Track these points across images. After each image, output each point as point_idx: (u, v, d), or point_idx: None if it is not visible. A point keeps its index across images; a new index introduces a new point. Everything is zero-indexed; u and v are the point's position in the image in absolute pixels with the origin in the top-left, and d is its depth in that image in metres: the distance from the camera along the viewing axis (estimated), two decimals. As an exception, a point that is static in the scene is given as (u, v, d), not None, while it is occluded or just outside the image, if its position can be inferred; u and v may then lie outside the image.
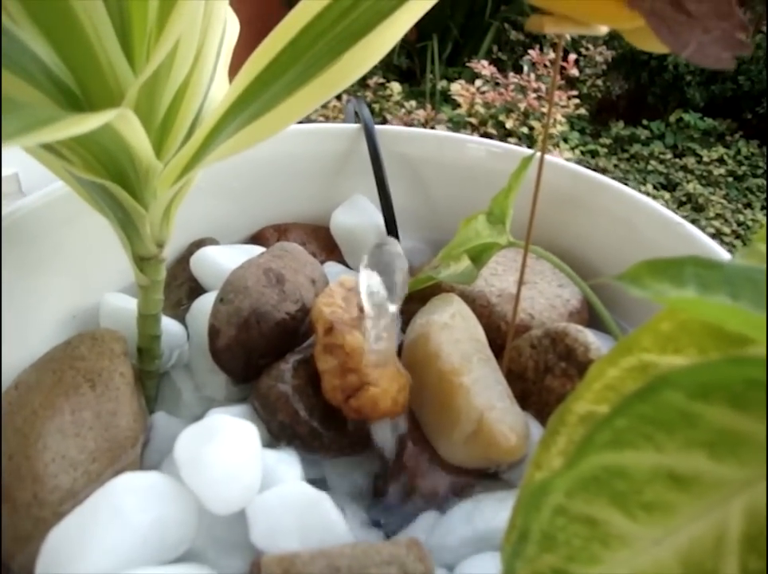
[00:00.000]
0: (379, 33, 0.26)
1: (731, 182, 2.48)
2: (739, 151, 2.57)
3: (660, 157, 2.56)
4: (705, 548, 0.16)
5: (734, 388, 0.15)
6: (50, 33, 0.23)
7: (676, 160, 2.57)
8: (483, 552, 0.24)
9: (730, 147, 2.60)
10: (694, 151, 2.60)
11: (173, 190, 0.27)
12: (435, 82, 2.50)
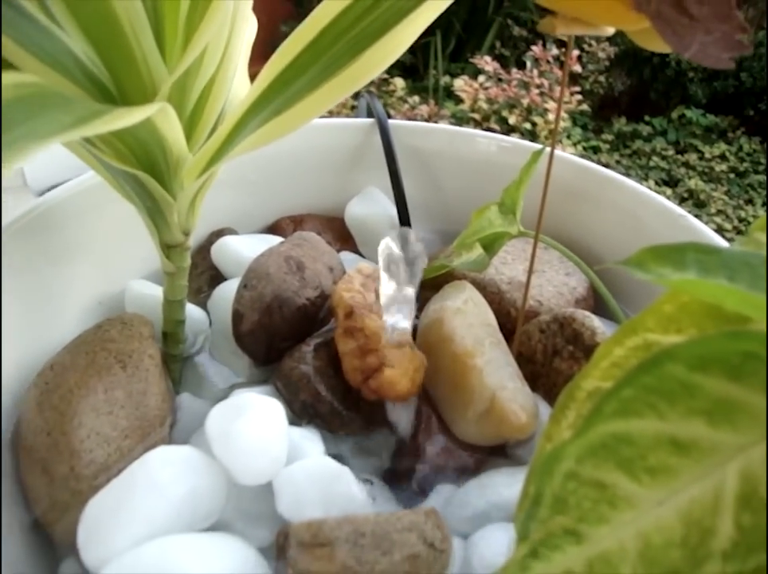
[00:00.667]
0: (397, 32, 0.27)
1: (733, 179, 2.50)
2: (741, 148, 2.59)
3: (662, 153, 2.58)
4: (704, 507, 0.17)
5: (730, 360, 0.17)
6: (91, 33, 0.25)
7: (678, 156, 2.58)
8: (495, 522, 0.25)
9: (732, 143, 2.62)
10: (696, 148, 2.61)
11: (199, 182, 0.29)
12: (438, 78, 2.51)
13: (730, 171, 2.51)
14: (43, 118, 0.18)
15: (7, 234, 0.31)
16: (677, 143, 2.62)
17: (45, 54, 0.26)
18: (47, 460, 0.26)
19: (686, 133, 2.64)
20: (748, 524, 0.17)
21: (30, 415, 0.27)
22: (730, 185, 2.46)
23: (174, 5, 0.26)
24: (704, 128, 2.64)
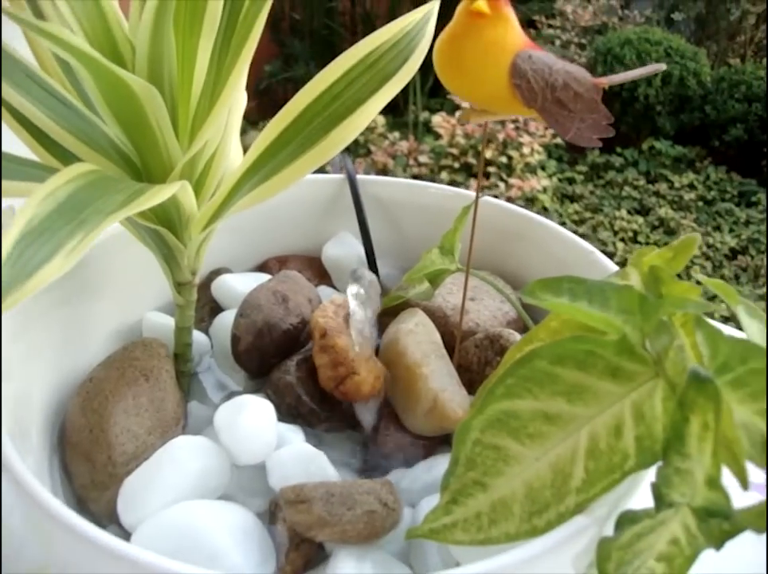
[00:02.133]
0: (357, 115, 0.36)
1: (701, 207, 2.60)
2: (708, 177, 2.69)
3: (634, 183, 2.68)
4: (565, 459, 0.25)
5: (577, 357, 0.25)
6: (123, 122, 0.33)
7: (649, 186, 2.68)
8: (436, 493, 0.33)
9: (699, 173, 2.72)
10: (666, 177, 2.71)
11: (204, 233, 0.37)
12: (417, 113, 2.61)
13: (699, 199, 2.62)
14: (104, 199, 0.26)
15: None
16: (648, 174, 2.73)
17: (88, 138, 0.34)
18: (89, 451, 0.34)
19: (656, 164, 2.75)
20: (591, 468, 0.25)
21: (75, 417, 0.35)
22: (698, 213, 2.57)
23: (186, 101, 0.34)
24: (673, 159, 2.75)
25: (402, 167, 2.26)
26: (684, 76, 2.63)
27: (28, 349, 0.35)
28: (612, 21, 3.07)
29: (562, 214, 2.46)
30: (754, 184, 2.61)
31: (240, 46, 0.32)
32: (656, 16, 3.22)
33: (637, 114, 2.70)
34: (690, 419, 0.22)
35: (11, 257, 0.22)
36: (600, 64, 2.72)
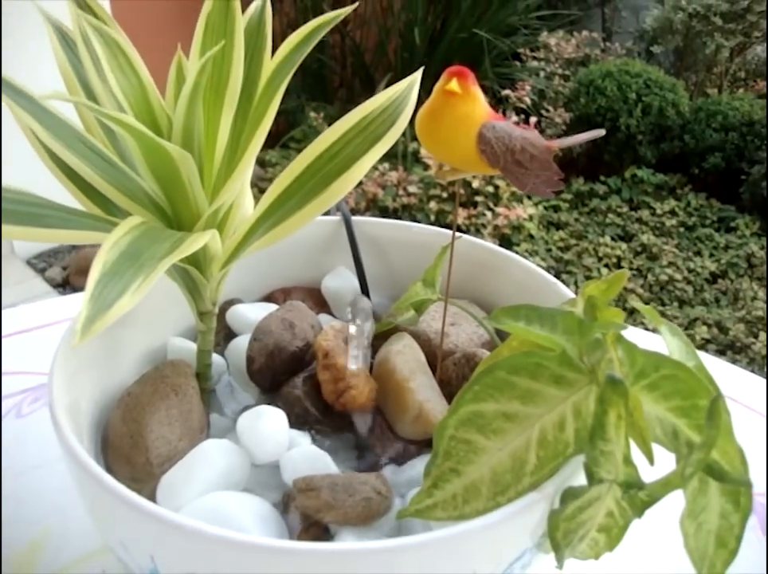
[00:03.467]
0: (352, 171, 0.43)
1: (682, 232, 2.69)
2: (689, 204, 2.78)
3: (617, 210, 2.77)
4: (521, 449, 0.32)
5: (528, 368, 0.32)
6: (161, 180, 0.39)
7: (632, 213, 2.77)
8: (422, 486, 0.39)
9: (680, 199, 2.81)
10: (648, 204, 2.80)
11: (224, 271, 0.44)
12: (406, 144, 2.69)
13: (680, 225, 2.71)
14: (155, 247, 0.33)
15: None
16: (631, 201, 2.82)
17: (127, 190, 0.41)
18: (130, 454, 0.40)
19: (638, 191, 2.84)
20: (541, 455, 0.31)
21: (117, 426, 0.42)
22: (680, 238, 2.65)
23: (210, 161, 0.41)
24: (655, 186, 2.84)
25: (392, 196, 2.33)
26: (663, 107, 2.72)
27: (77, 367, 0.42)
28: (594, 53, 3.17)
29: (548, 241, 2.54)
30: (733, 210, 2.70)
31: (257, 123, 0.39)
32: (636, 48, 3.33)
33: (619, 143, 2.80)
34: (608, 412, 0.29)
35: (93, 296, 0.28)
36: (583, 96, 2.82)
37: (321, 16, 0.42)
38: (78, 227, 0.38)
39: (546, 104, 2.91)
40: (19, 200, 0.37)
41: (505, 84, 2.93)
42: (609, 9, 3.46)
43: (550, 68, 3.04)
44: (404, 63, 3.06)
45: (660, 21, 2.87)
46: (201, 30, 0.41)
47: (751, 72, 3.04)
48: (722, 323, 2.17)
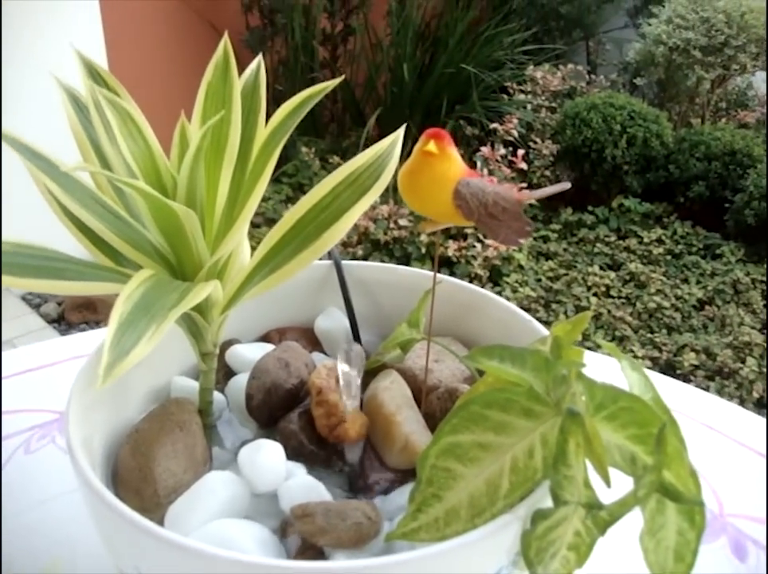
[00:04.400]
0: (342, 221, 0.47)
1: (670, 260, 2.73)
2: (675, 232, 2.83)
3: (606, 240, 2.82)
4: (495, 475, 0.35)
5: (500, 402, 0.35)
6: (166, 234, 0.43)
7: (620, 242, 2.82)
8: (409, 511, 0.43)
9: (667, 228, 2.86)
10: (635, 233, 2.85)
11: (224, 315, 0.47)
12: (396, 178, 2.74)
13: (667, 253, 2.75)
14: (165, 298, 0.36)
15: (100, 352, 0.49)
16: (618, 230, 2.87)
17: (135, 243, 0.45)
18: (138, 487, 0.44)
19: (626, 220, 2.89)
20: (513, 481, 0.35)
21: (126, 459, 0.45)
22: (667, 266, 2.70)
23: (211, 216, 0.45)
24: (642, 215, 2.89)
25: (383, 229, 2.38)
26: (648, 138, 2.78)
27: (90, 405, 0.45)
28: (580, 85, 3.24)
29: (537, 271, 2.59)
30: (718, 237, 2.75)
31: (254, 183, 0.43)
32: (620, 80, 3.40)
33: (606, 174, 2.85)
34: (568, 440, 0.32)
35: (113, 344, 0.32)
36: (569, 128, 2.88)
37: (310, 88, 0.46)
38: (93, 279, 0.41)
39: (534, 136, 2.97)
40: (41, 255, 0.40)
41: (493, 117, 2.99)
42: (593, 42, 3.54)
43: (537, 100, 3.10)
44: (393, 97, 3.12)
45: (642, 55, 2.94)
46: (202, 97, 0.45)
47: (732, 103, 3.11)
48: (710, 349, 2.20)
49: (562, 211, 2.94)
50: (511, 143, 2.79)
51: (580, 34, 3.46)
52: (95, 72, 0.46)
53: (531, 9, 3.44)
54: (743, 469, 0.65)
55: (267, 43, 3.00)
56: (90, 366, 0.47)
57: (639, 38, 3.08)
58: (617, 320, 2.33)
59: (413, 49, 3.11)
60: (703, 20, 2.71)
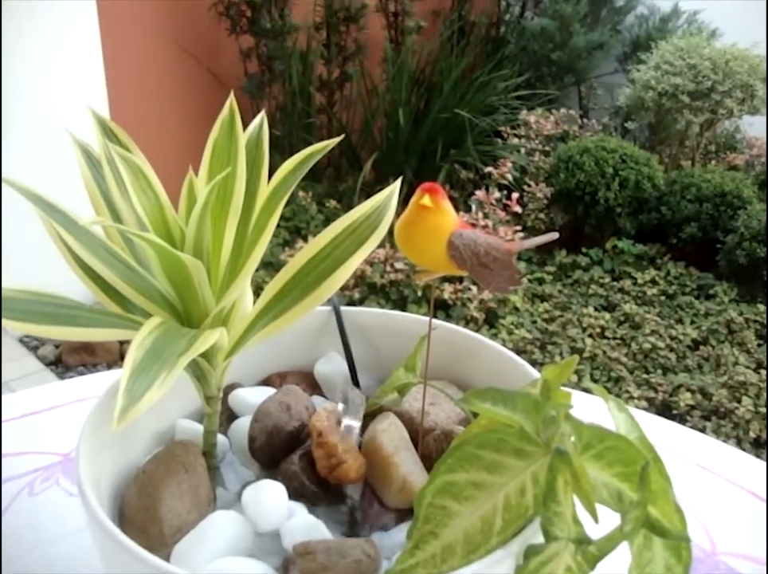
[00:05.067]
0: (341, 270, 0.49)
1: (664, 301, 2.76)
2: (669, 273, 2.86)
3: (600, 281, 2.84)
4: (489, 513, 0.37)
5: (492, 443, 0.37)
6: (174, 282, 0.45)
7: (614, 283, 2.84)
8: (407, 549, 0.44)
9: (660, 269, 2.89)
10: (629, 274, 2.88)
11: (228, 360, 0.49)
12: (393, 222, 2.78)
13: (661, 293, 2.78)
14: (174, 344, 0.38)
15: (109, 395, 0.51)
16: (612, 271, 2.90)
17: (143, 290, 0.47)
18: (145, 526, 0.45)
19: (619, 262, 2.92)
20: (506, 518, 0.37)
21: (132, 500, 0.47)
22: (661, 307, 2.72)
23: (216, 265, 0.47)
24: (635, 256, 2.92)
25: (380, 273, 2.40)
26: (640, 180, 2.83)
27: (99, 447, 0.47)
28: (572, 129, 3.30)
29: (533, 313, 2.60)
30: (711, 278, 2.78)
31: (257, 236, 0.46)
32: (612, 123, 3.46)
33: (599, 216, 2.89)
34: (557, 478, 0.34)
35: (126, 389, 0.34)
36: (562, 171, 2.92)
37: (310, 147, 0.48)
38: (104, 326, 0.44)
39: (528, 180, 3.02)
40: (54, 303, 0.43)
41: (487, 161, 3.04)
42: (584, 87, 3.61)
43: (531, 144, 3.15)
44: (389, 142, 3.17)
45: (633, 99, 3.00)
46: (209, 153, 0.47)
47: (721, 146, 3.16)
48: (706, 389, 2.22)
49: (556, 253, 2.97)
50: (506, 187, 2.84)
51: (572, 79, 3.53)
52: (107, 129, 0.48)
53: (524, 55, 3.51)
54: (735, 507, 0.67)
55: (265, 89, 3.06)
56: (100, 409, 0.48)
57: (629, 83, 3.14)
58: (612, 361, 2.34)
59: (408, 94, 3.17)
60: (690, 66, 2.77)
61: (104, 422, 0.49)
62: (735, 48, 2.83)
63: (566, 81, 3.53)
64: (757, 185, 2.84)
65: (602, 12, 3.49)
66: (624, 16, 3.52)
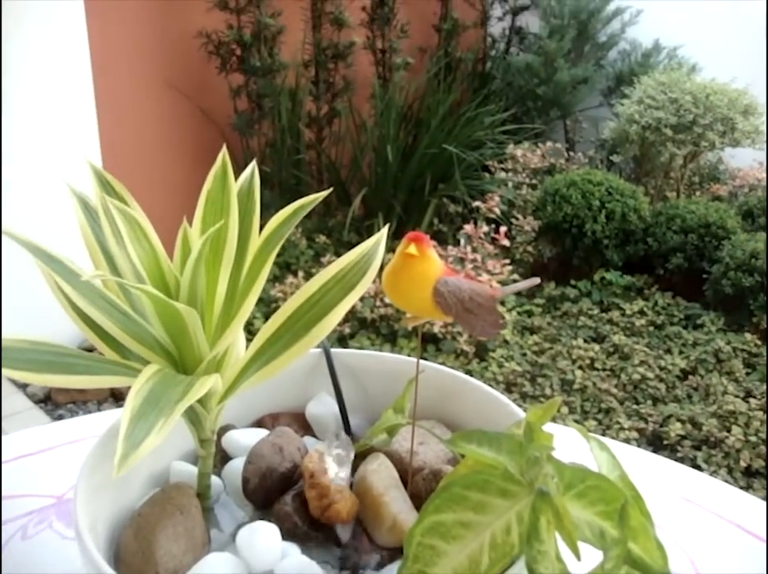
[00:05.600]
0: (330, 316, 0.51)
1: (652, 331, 2.78)
2: (657, 303, 2.89)
3: (589, 313, 2.86)
4: (476, 551, 0.39)
5: (479, 484, 0.38)
6: (169, 330, 0.47)
7: (603, 315, 2.86)
8: (398, 588, 0.46)
9: (648, 299, 2.92)
10: (618, 305, 2.90)
11: (221, 404, 0.51)
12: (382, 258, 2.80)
13: (649, 324, 2.80)
14: (171, 391, 0.40)
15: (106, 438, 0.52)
16: (601, 303, 2.92)
17: (140, 337, 0.48)
18: (141, 568, 0.46)
19: (608, 293, 2.95)
20: (493, 556, 0.38)
21: (128, 542, 0.48)
22: (650, 337, 2.74)
23: (210, 313, 0.48)
24: (623, 288, 2.95)
25: (370, 307, 2.42)
26: (626, 212, 2.86)
27: (96, 490, 0.48)
28: (559, 162, 3.34)
29: (522, 345, 2.62)
30: (698, 307, 2.80)
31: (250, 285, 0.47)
32: (598, 156, 3.51)
33: (587, 248, 2.92)
34: (540, 517, 0.36)
35: (126, 436, 0.36)
36: (549, 204, 2.95)
37: (301, 199, 0.50)
38: (101, 373, 0.45)
39: (516, 213, 3.05)
40: (53, 352, 0.44)
41: (475, 195, 3.07)
42: (570, 121, 3.66)
43: (518, 178, 3.18)
44: (378, 177, 3.20)
45: (617, 133, 3.05)
46: (202, 203, 0.49)
47: (705, 177, 3.21)
48: (696, 418, 2.23)
49: (545, 286, 2.99)
50: (494, 221, 2.86)
51: (557, 113, 3.58)
52: (104, 180, 0.50)
53: (510, 90, 3.56)
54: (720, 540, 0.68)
55: (254, 126, 3.09)
56: (97, 452, 0.50)
57: (613, 117, 3.19)
58: (602, 392, 2.36)
59: (396, 130, 3.21)
60: (671, 100, 2.82)
61: (101, 465, 0.50)
62: (715, 82, 2.88)
63: (551, 115, 3.58)
64: (740, 215, 2.88)
65: (585, 48, 3.55)
66: (607, 51, 3.57)
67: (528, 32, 3.75)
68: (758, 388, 2.33)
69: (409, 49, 3.43)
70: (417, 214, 3.14)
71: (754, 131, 2.76)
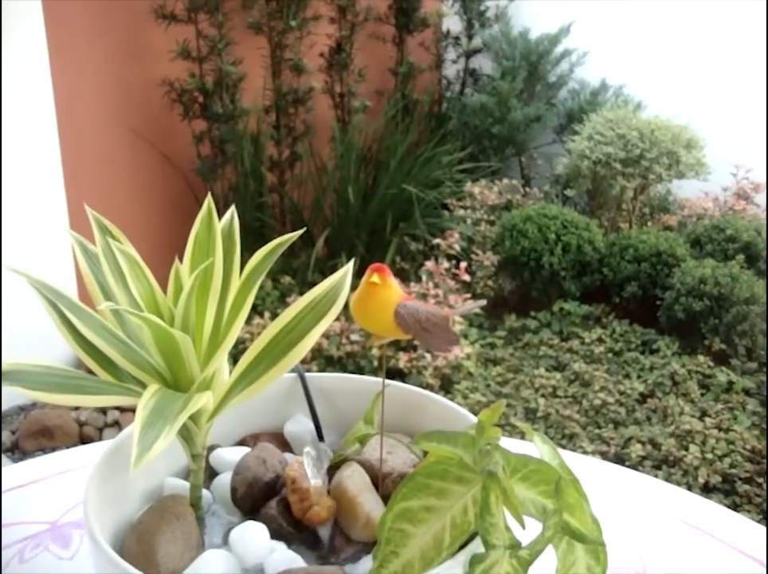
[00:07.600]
0: (305, 341, 0.57)
1: (611, 358, 2.87)
2: (614, 331, 2.98)
3: (549, 343, 2.94)
4: (440, 532, 0.45)
5: (438, 472, 0.45)
6: (164, 354, 0.53)
7: (563, 344, 2.95)
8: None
9: (606, 327, 3.01)
10: (577, 334, 2.99)
11: (211, 421, 0.57)
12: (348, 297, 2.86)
13: (608, 351, 2.89)
14: (171, 406, 0.46)
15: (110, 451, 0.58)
16: (561, 332, 3.01)
17: (135, 361, 0.55)
18: (143, 569, 0.52)
19: (567, 323, 3.04)
20: (453, 534, 0.45)
21: (132, 548, 0.54)
22: (609, 363, 2.83)
23: (200, 339, 0.55)
24: (582, 317, 3.04)
25: (336, 345, 2.48)
26: (581, 244, 2.96)
27: (100, 502, 0.54)
28: (516, 198, 3.44)
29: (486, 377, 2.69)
30: (654, 333, 2.90)
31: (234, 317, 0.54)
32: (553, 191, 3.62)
33: (545, 280, 3.01)
34: (490, 495, 0.42)
35: (140, 439, 0.42)
36: (507, 239, 3.04)
37: (278, 238, 0.57)
38: (108, 393, 0.51)
39: (475, 249, 3.13)
40: (64, 375, 0.50)
41: (435, 232, 3.16)
42: (525, 158, 3.78)
43: (476, 215, 3.27)
44: (340, 218, 3.28)
45: (570, 168, 3.17)
46: (191, 244, 0.56)
47: (655, 208, 3.34)
48: (655, 439, 2.31)
49: (506, 318, 3.06)
50: (454, 257, 2.95)
51: (512, 151, 3.69)
52: (103, 227, 0.57)
53: (465, 130, 3.67)
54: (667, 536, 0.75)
55: (217, 171, 3.15)
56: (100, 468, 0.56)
57: (566, 153, 3.31)
58: (565, 418, 2.43)
59: (356, 171, 3.29)
60: (619, 136, 2.95)
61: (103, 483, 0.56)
62: (659, 118, 3.02)
63: (507, 153, 3.69)
64: (689, 243, 2.99)
65: (537, 87, 3.68)
66: (557, 90, 3.71)
67: (482, 73, 3.88)
68: (712, 408, 2.43)
69: (367, 93, 3.53)
70: (380, 252, 3.21)
71: (697, 164, 2.90)
